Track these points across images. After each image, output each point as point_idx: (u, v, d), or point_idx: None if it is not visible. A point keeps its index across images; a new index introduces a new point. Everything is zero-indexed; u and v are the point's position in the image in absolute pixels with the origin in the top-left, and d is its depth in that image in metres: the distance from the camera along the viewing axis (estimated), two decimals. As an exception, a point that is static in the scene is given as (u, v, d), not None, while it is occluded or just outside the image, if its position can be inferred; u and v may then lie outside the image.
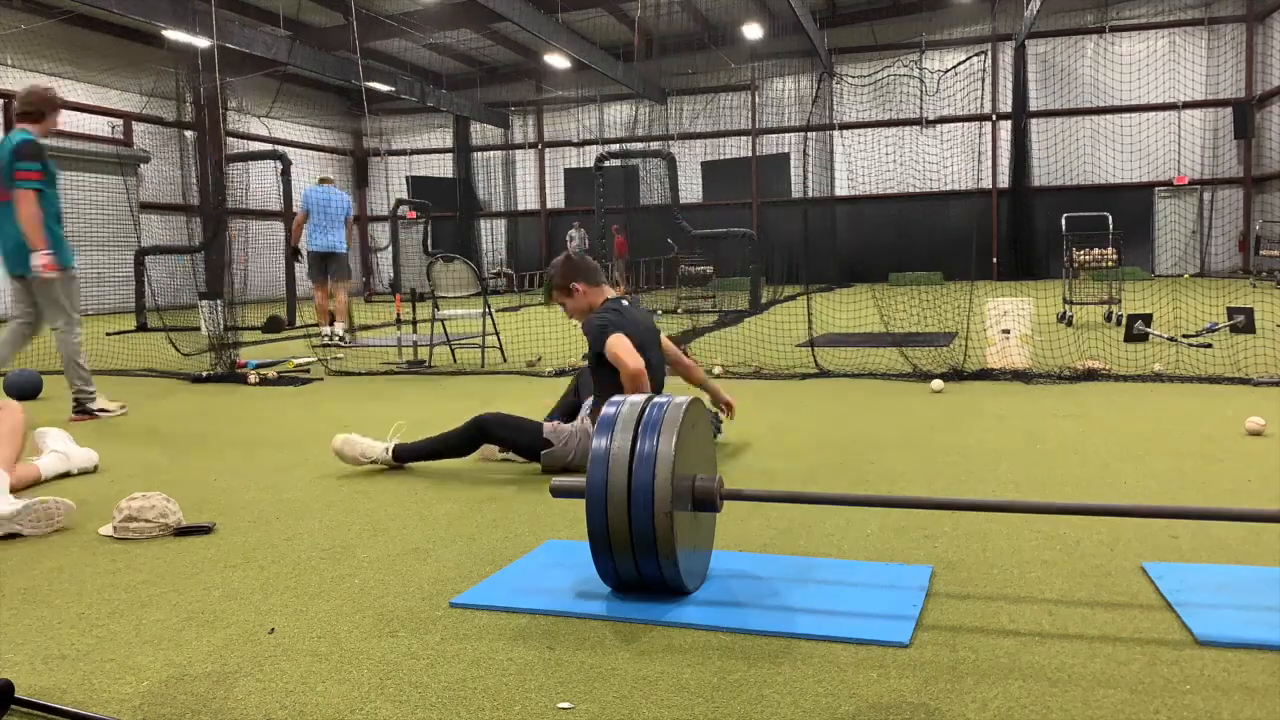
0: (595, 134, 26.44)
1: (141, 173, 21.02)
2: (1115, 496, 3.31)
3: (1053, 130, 23.22)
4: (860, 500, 3.15)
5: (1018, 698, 1.84)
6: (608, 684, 1.94)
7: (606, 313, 3.97)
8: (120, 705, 1.89)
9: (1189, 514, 2.37)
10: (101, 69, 19.66)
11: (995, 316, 6.62)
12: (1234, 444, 4.09)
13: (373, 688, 1.94)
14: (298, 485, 3.77)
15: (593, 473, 2.33)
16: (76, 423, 5.33)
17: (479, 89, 26.40)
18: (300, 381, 7.10)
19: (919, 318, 9.65)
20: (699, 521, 2.47)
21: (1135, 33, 22.54)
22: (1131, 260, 17.55)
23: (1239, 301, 10.79)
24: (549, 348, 8.87)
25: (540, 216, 27.46)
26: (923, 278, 19.92)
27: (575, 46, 20.47)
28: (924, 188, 23.40)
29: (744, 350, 7.94)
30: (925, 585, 2.44)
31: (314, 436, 4.90)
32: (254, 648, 2.16)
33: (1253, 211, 21.88)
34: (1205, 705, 1.79)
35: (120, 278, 18.74)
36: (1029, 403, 5.35)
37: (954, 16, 23.16)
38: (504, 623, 2.28)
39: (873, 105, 23.26)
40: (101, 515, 3.25)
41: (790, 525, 3.03)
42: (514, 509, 3.32)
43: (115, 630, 2.28)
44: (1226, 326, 8.51)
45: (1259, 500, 3.23)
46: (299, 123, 25.24)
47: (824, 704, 1.83)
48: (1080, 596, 2.36)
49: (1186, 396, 5.40)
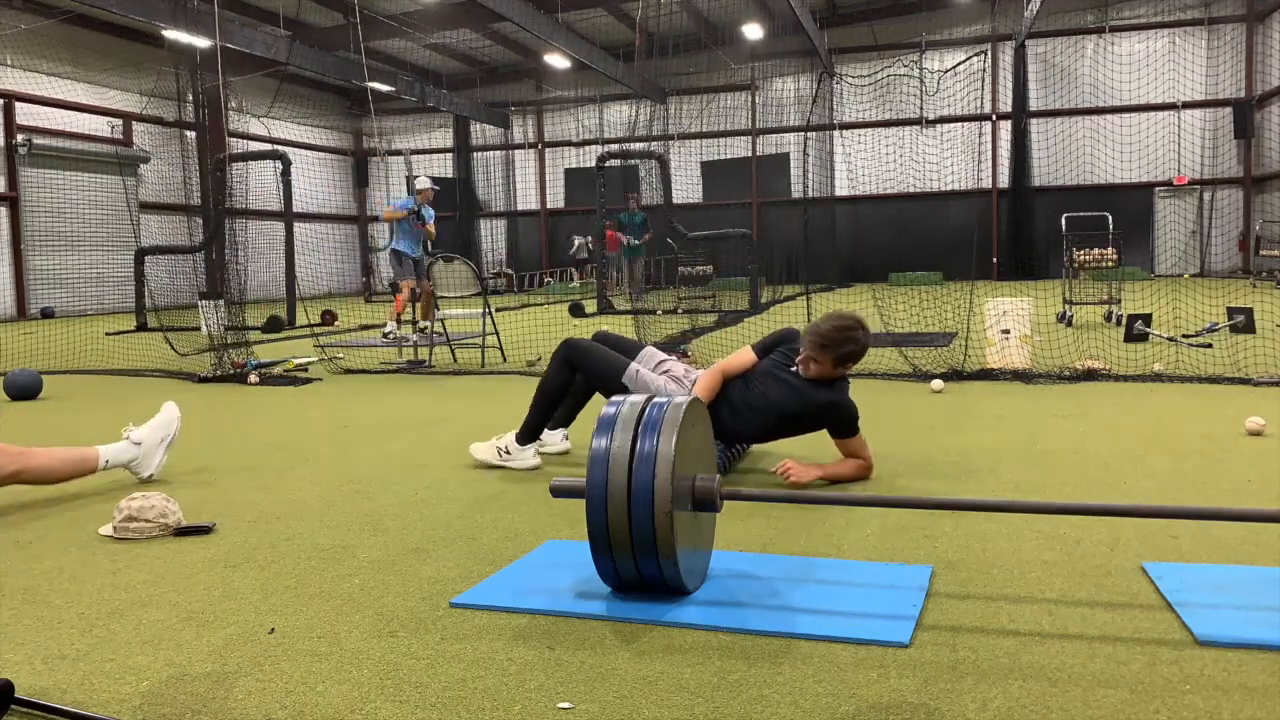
0: (595, 134, 26.44)
1: (141, 173, 21.02)
2: (1115, 496, 3.31)
3: (1053, 130, 23.22)
4: (860, 500, 3.15)
5: (1018, 698, 1.84)
6: (608, 684, 1.94)
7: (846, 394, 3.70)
8: (120, 705, 1.89)
9: (1189, 514, 2.37)
10: (101, 69, 19.66)
11: (995, 316, 6.62)
12: (1234, 444, 4.09)
13: (373, 688, 1.94)
14: (297, 485, 3.77)
15: (593, 473, 2.33)
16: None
17: (479, 89, 26.40)
18: (300, 381, 7.10)
19: (919, 318, 9.65)
20: (699, 521, 2.47)
21: (1135, 33, 22.54)
22: (1131, 260, 17.54)
23: (1239, 301, 10.79)
24: (549, 348, 8.86)
25: (540, 216, 27.46)
26: (922, 278, 19.93)
27: (575, 46, 20.47)
28: (924, 188, 23.40)
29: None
30: (925, 585, 2.44)
31: (314, 436, 4.90)
32: (254, 648, 2.16)
33: (1253, 211, 21.88)
34: (1205, 705, 1.79)
35: (120, 278, 18.76)
36: (1029, 403, 5.35)
37: (954, 16, 23.16)
38: (504, 623, 2.28)
39: (873, 105, 23.27)
40: (102, 515, 3.25)
41: (790, 525, 3.03)
42: (514, 509, 3.33)
43: (115, 630, 2.28)
44: (1226, 326, 8.51)
45: (1259, 500, 3.23)
46: (299, 123, 25.25)
47: (824, 704, 1.83)
48: (1080, 596, 2.36)
49: (1186, 396, 5.40)
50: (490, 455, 3.98)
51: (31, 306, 18.72)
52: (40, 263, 19.03)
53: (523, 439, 3.96)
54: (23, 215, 18.73)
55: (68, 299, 19.07)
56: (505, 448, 3.96)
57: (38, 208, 18.96)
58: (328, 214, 26.07)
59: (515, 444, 3.95)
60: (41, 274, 19.03)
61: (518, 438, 3.96)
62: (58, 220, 19.25)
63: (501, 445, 3.97)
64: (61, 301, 19.02)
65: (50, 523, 3.25)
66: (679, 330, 10.03)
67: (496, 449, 3.98)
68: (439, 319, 8.39)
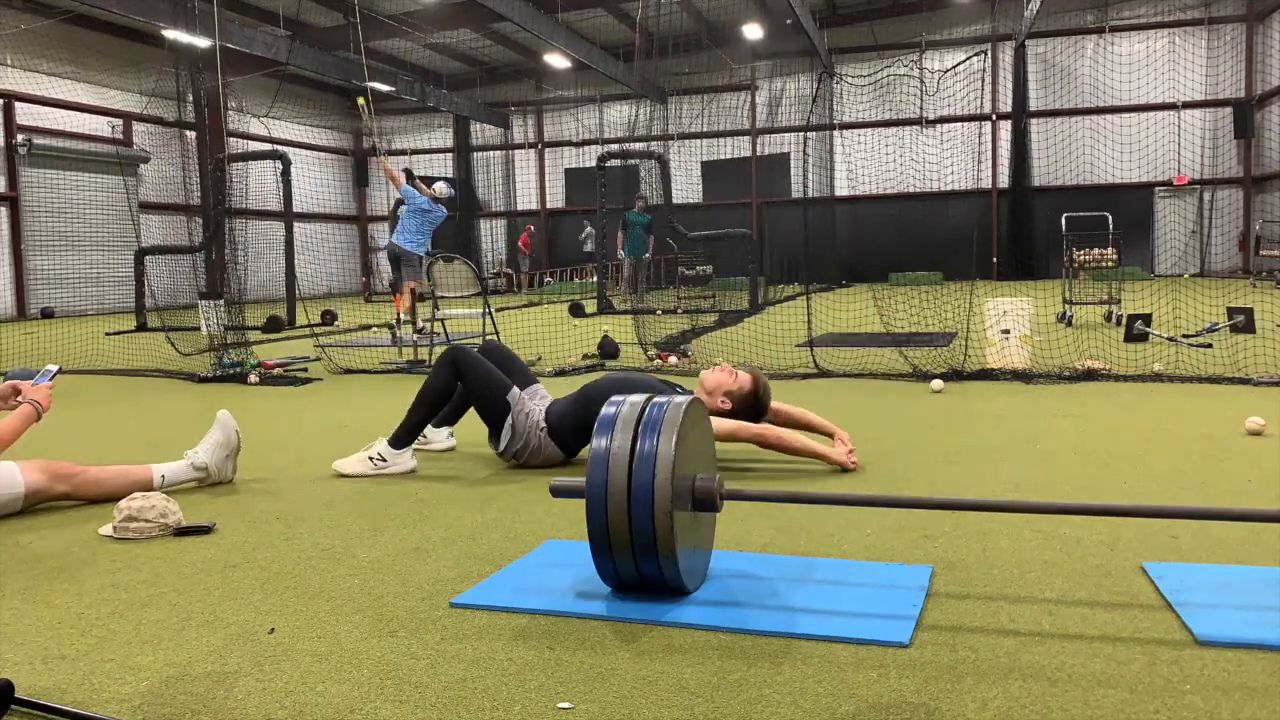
0: (595, 134, 26.44)
1: (141, 173, 21.02)
2: (1115, 496, 3.31)
3: (1053, 130, 23.23)
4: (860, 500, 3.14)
5: (1018, 698, 1.84)
6: (608, 684, 1.94)
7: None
8: (120, 705, 1.89)
9: (1189, 514, 2.36)
10: (101, 69, 19.67)
11: (995, 316, 6.62)
12: (1234, 444, 4.09)
13: (373, 688, 1.94)
14: (298, 485, 3.77)
15: (593, 473, 2.33)
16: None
17: (479, 89, 26.41)
18: (300, 381, 7.10)
19: (919, 318, 9.65)
20: (699, 521, 2.47)
21: (1135, 33, 22.54)
22: (1131, 260, 17.55)
23: (1239, 301, 10.79)
24: (548, 347, 8.87)
25: (540, 216, 27.46)
26: (922, 278, 19.94)
27: (575, 46, 20.47)
28: (924, 188, 23.40)
29: (744, 350, 7.94)
30: (925, 585, 2.44)
31: (314, 436, 4.90)
32: (254, 648, 2.15)
33: (1252, 211, 21.88)
34: (1205, 705, 1.79)
35: (120, 278, 18.76)
36: (1029, 403, 5.35)
37: (954, 16, 23.16)
38: (504, 623, 2.28)
39: (873, 105, 23.27)
40: (102, 515, 3.25)
41: (790, 525, 3.03)
42: (514, 509, 3.32)
43: (115, 630, 2.28)
44: (1226, 326, 8.51)
45: (1259, 500, 3.23)
46: (299, 123, 25.26)
47: (824, 704, 1.83)
48: (1080, 596, 2.36)
49: (1186, 396, 5.40)
50: (362, 467, 3.88)
51: (31, 306, 18.72)
52: (40, 263, 19.03)
53: (397, 443, 3.89)
54: (23, 215, 18.74)
55: (68, 299, 19.08)
56: (380, 455, 3.88)
57: (38, 208, 18.97)
58: (328, 214, 26.08)
59: (389, 449, 3.88)
60: (41, 274, 19.04)
61: (391, 441, 3.89)
62: (58, 220, 19.26)
63: (374, 454, 3.89)
64: (61, 301, 19.02)
65: (50, 523, 3.25)
66: (679, 330, 10.03)
67: (368, 459, 3.89)
68: (439, 319, 8.38)
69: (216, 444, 3.74)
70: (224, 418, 3.79)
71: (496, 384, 3.89)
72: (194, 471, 3.68)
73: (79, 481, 3.42)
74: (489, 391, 3.88)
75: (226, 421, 3.78)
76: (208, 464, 3.70)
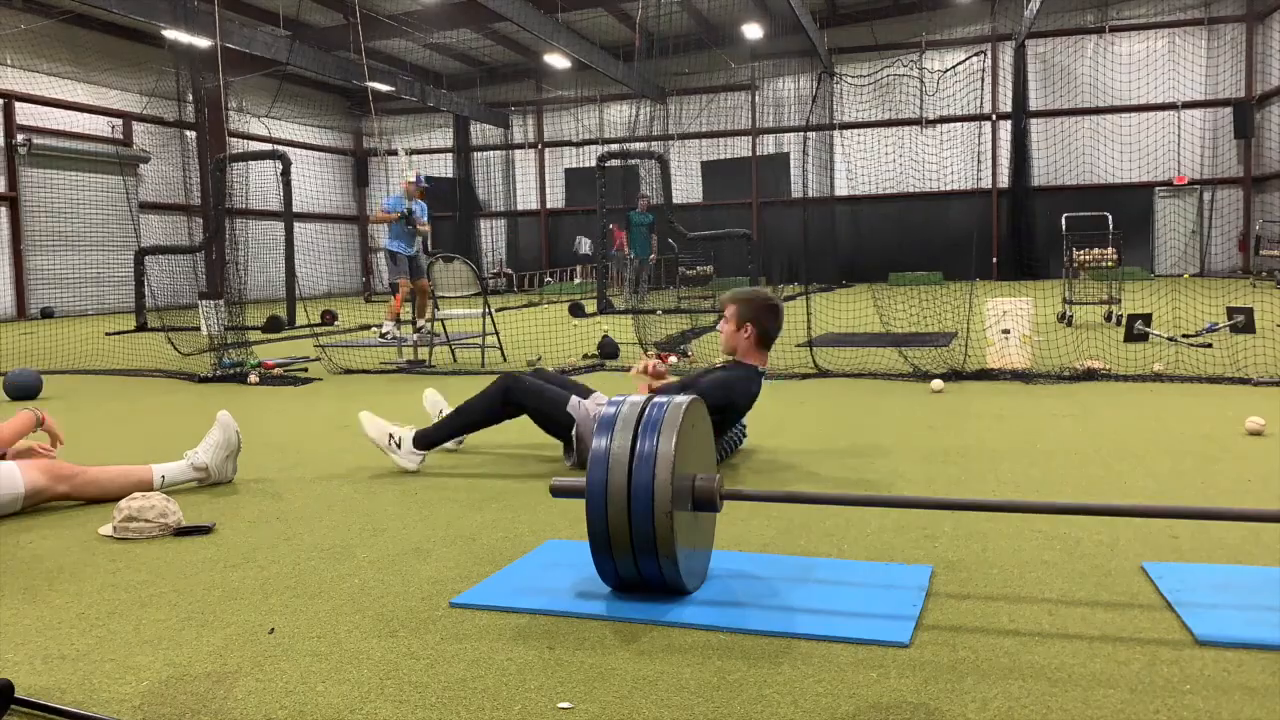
0: (595, 134, 26.44)
1: (141, 173, 21.02)
2: (1115, 496, 3.31)
3: (1053, 130, 23.22)
4: (860, 500, 3.15)
5: (1018, 698, 1.84)
6: (608, 684, 1.94)
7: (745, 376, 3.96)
8: (120, 705, 1.89)
9: (1189, 514, 2.37)
10: (101, 69, 19.67)
11: (995, 316, 6.62)
12: (1234, 444, 4.09)
13: (373, 688, 1.94)
14: (298, 485, 3.77)
15: (593, 472, 2.33)
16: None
17: (479, 89, 26.40)
18: (300, 381, 7.10)
19: (919, 318, 9.65)
20: (699, 521, 2.47)
21: (1135, 33, 22.54)
22: (1131, 260, 17.54)
23: (1239, 301, 10.78)
24: (548, 347, 8.87)
25: (540, 216, 27.46)
26: (922, 278, 19.92)
27: (575, 46, 20.47)
28: (924, 188, 23.40)
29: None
30: (925, 585, 2.44)
31: (314, 436, 4.90)
32: (254, 648, 2.16)
33: (1253, 211, 21.88)
34: (1205, 705, 1.79)
35: (120, 278, 18.76)
36: (1029, 403, 5.35)
37: (954, 16, 23.16)
38: (504, 623, 2.28)
39: (873, 105, 23.27)
40: (102, 515, 3.25)
41: (790, 525, 3.03)
42: (514, 509, 3.32)
43: (115, 630, 2.28)
44: (1226, 326, 8.50)
45: (1259, 500, 3.23)
46: (299, 123, 25.26)
47: (824, 704, 1.83)
48: (1080, 596, 2.36)
49: (1186, 396, 5.40)
50: (380, 436, 3.89)
51: (31, 306, 18.72)
52: (40, 263, 19.03)
53: (421, 444, 3.90)
54: (23, 215, 18.73)
55: (68, 299, 19.08)
56: (399, 441, 3.88)
57: (38, 208, 18.96)
58: (328, 214, 26.09)
59: (410, 443, 3.88)
60: (41, 274, 19.03)
61: (415, 440, 3.89)
62: (58, 220, 19.26)
63: (396, 435, 3.89)
64: (61, 301, 19.02)
65: (50, 523, 3.25)
66: (679, 330, 10.03)
67: (389, 435, 3.89)
68: (439, 319, 8.39)
69: (216, 444, 3.73)
70: (224, 418, 3.78)
71: (554, 399, 3.88)
72: (194, 472, 3.68)
73: (79, 482, 3.42)
74: (551, 407, 3.88)
75: (227, 422, 3.77)
76: (208, 464, 3.70)
